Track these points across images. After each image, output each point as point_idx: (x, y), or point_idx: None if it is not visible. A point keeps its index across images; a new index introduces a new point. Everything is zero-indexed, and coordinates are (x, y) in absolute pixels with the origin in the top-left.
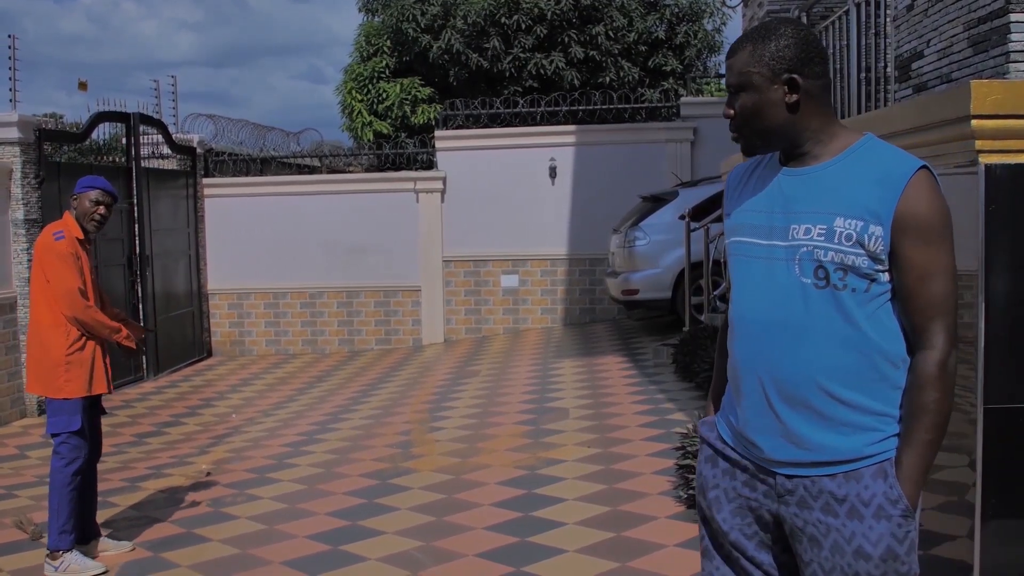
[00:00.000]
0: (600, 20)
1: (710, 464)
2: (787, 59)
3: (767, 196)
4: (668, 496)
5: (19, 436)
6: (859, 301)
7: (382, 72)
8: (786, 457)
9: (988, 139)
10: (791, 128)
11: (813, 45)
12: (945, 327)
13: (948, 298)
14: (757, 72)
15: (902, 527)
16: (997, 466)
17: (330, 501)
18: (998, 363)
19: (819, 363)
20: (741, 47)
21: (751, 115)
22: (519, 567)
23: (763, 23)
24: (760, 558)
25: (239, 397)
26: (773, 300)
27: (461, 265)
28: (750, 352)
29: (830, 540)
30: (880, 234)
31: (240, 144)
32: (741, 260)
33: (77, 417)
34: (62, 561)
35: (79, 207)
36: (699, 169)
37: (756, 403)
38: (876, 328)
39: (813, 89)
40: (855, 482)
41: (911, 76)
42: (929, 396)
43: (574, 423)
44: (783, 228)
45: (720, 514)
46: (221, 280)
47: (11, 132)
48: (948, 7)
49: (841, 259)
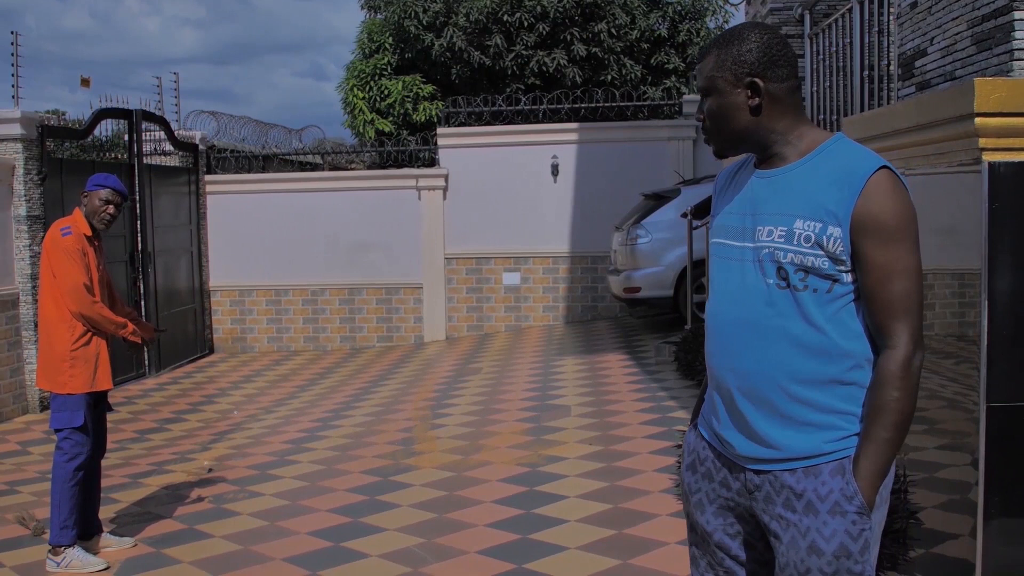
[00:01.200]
0: (602, 17)
1: (691, 471)
2: (749, 63)
3: (741, 198)
4: (670, 494)
5: (21, 432)
6: (820, 302)
7: (384, 69)
8: (751, 453)
9: (992, 137)
10: (756, 131)
11: (777, 49)
12: (908, 327)
13: (911, 298)
14: (721, 76)
15: (856, 524)
16: (999, 464)
17: (332, 498)
18: (1001, 361)
19: (780, 363)
20: (708, 52)
21: (718, 118)
22: (520, 564)
23: (731, 28)
24: (744, 556)
25: (241, 394)
26: (740, 300)
27: (463, 262)
28: (719, 350)
29: (788, 535)
30: (839, 235)
31: (242, 141)
32: (717, 261)
33: (80, 413)
34: (64, 556)
35: (89, 204)
36: (701, 167)
37: (726, 400)
38: (838, 328)
39: (777, 92)
40: (813, 478)
41: (914, 74)
42: (889, 395)
43: (576, 420)
44: (751, 230)
45: (703, 516)
46: (223, 277)
47: (14, 128)
48: (952, 5)
49: (801, 260)
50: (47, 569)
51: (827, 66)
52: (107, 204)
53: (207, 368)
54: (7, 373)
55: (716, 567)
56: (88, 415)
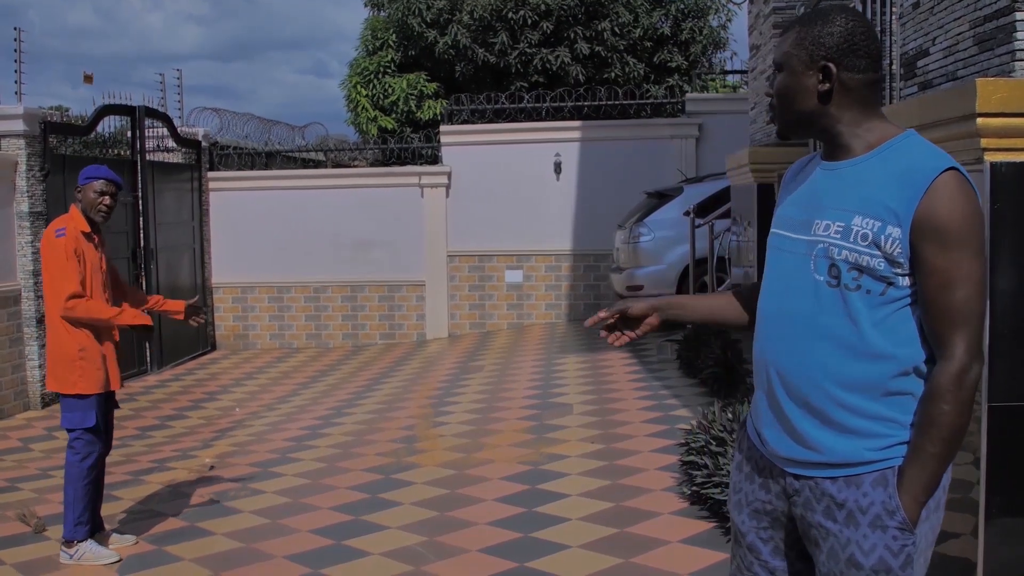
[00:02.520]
0: (606, 16)
1: (737, 469)
2: (827, 47)
3: (804, 190)
4: (672, 492)
5: (22, 429)
6: (871, 304)
7: (387, 67)
8: (789, 453)
9: (993, 137)
10: (822, 117)
11: (861, 37)
12: (965, 338)
13: (970, 307)
14: (796, 55)
15: (898, 540)
16: (1001, 464)
17: (333, 495)
18: (1002, 361)
19: (821, 363)
20: (791, 28)
21: (784, 97)
22: (523, 562)
23: (820, 7)
24: (774, 564)
25: (243, 391)
26: (787, 294)
27: (466, 260)
28: (763, 343)
29: (828, 545)
30: (898, 236)
31: (245, 138)
32: (773, 252)
33: (92, 413)
34: (77, 550)
35: (84, 199)
36: (704, 166)
37: (767, 395)
38: (886, 333)
39: (850, 82)
40: (855, 488)
41: (916, 74)
42: (939, 408)
43: (578, 419)
44: (809, 222)
45: (740, 516)
46: (225, 274)
47: (16, 124)
48: (954, 5)
49: (856, 259)
50: (61, 562)
51: None
52: (102, 196)
53: (209, 365)
54: (8, 370)
55: (745, 571)
56: (99, 415)
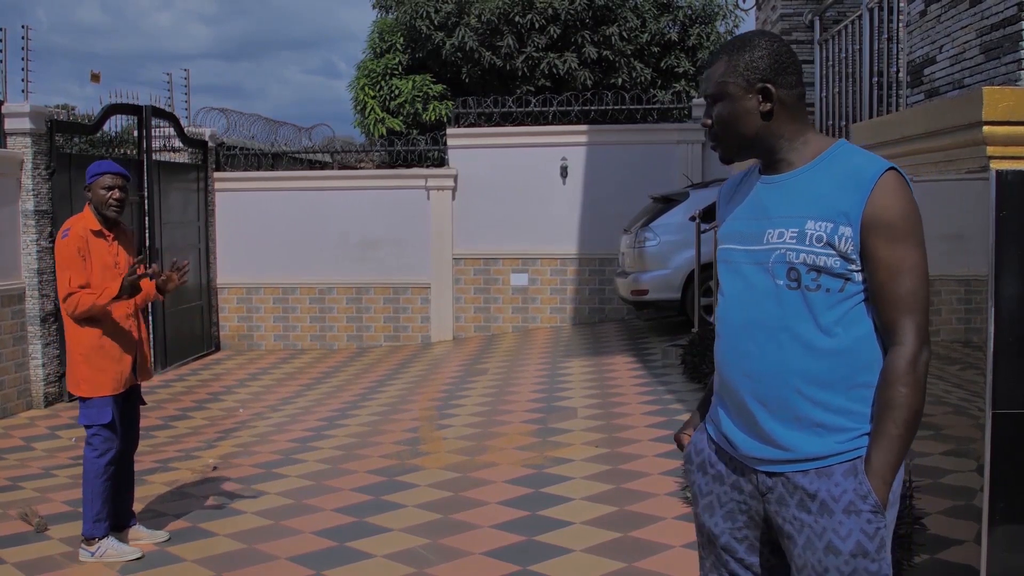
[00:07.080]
0: (614, 21)
1: (701, 472)
2: (761, 69)
3: (748, 204)
4: (675, 497)
5: (25, 427)
6: (831, 302)
7: (395, 68)
8: (761, 455)
9: (999, 145)
10: (766, 136)
11: (786, 57)
12: (915, 324)
13: (917, 295)
14: (732, 82)
15: (872, 523)
16: (1005, 471)
17: (337, 497)
18: (1007, 368)
19: (791, 364)
20: (717, 58)
21: (727, 124)
22: (526, 566)
23: (739, 36)
24: (750, 560)
25: (247, 392)
26: (750, 302)
27: (471, 263)
28: (730, 354)
29: (803, 536)
30: (850, 234)
31: (252, 138)
32: (725, 265)
33: (107, 410)
34: (98, 547)
35: (94, 196)
36: (710, 170)
37: (736, 403)
38: (848, 329)
39: (786, 98)
40: (826, 478)
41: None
42: (898, 392)
43: (582, 422)
44: (760, 233)
45: (712, 519)
46: (231, 274)
47: (23, 123)
48: (961, 13)
49: (813, 260)
50: (80, 559)
51: (836, 72)
52: (111, 189)
53: (213, 365)
54: (12, 368)
55: (720, 568)
56: (115, 411)
